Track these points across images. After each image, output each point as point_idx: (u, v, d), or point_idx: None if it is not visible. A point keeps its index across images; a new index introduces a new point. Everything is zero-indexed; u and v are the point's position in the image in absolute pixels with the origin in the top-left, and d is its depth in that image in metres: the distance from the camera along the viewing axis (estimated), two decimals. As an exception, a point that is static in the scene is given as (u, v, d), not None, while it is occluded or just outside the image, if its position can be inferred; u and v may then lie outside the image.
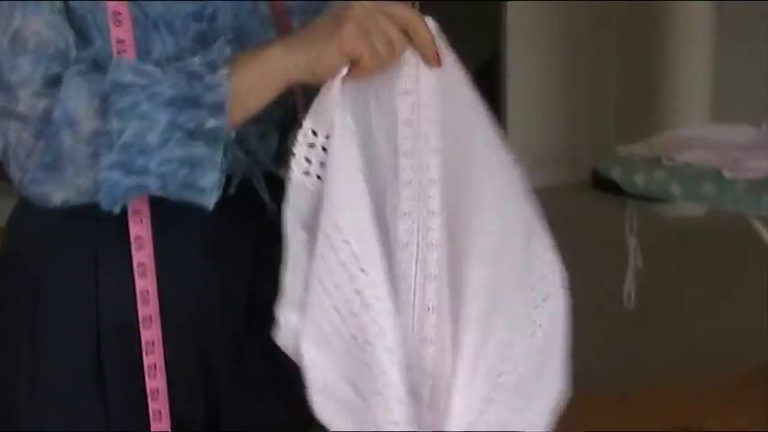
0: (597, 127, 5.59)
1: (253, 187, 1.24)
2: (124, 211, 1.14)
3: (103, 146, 1.05)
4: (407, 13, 1.06)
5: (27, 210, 1.23)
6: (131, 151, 1.05)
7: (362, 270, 1.03)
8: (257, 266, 1.27)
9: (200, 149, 1.06)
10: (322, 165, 1.07)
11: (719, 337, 3.51)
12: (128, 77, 1.05)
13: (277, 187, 1.22)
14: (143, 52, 1.12)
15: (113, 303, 1.21)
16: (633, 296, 2.84)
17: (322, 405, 1.07)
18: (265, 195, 1.24)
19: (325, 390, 1.07)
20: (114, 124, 1.04)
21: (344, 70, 1.06)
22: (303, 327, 1.08)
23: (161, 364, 1.19)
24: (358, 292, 1.03)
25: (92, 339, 1.22)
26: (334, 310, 1.05)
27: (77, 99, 1.07)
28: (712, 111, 5.25)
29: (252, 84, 1.08)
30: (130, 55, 1.11)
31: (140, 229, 1.16)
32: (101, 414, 1.23)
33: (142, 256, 1.17)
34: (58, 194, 1.10)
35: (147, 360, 1.18)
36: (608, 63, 5.78)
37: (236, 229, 1.25)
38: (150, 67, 1.08)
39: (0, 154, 1.12)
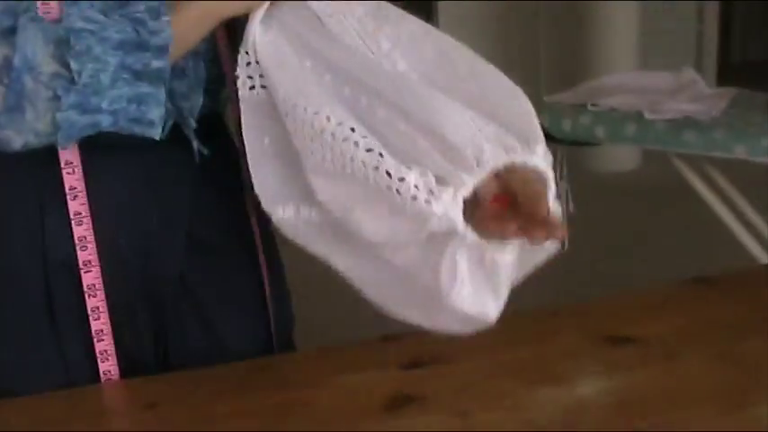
0: (528, 81, 5.61)
1: (184, 136, 1.28)
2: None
3: (63, 88, 1.10)
4: None
5: None
6: (87, 91, 1.10)
7: (339, 123, 1.06)
8: (195, 208, 1.31)
9: (145, 88, 1.13)
10: (261, 76, 1.17)
11: (647, 261, 3.69)
12: (79, 23, 1.11)
13: (205, 137, 1.28)
14: None
15: (59, 247, 1.24)
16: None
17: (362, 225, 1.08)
18: (195, 142, 1.28)
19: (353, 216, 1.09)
20: (74, 65, 1.10)
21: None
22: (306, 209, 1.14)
23: (104, 307, 1.23)
24: (345, 139, 1.05)
25: (41, 279, 1.26)
26: (335, 168, 1.07)
27: (34, 44, 1.12)
28: (638, 61, 5.41)
29: (190, 25, 1.16)
30: None
31: (73, 180, 1.20)
32: (55, 352, 1.27)
33: (77, 205, 1.21)
34: (17, 139, 1.15)
35: (90, 303, 1.22)
36: (536, 24, 5.85)
37: (171, 173, 1.30)
38: (97, 14, 1.12)
39: None
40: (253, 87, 1.17)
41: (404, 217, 1.01)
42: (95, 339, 1.24)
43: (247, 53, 1.17)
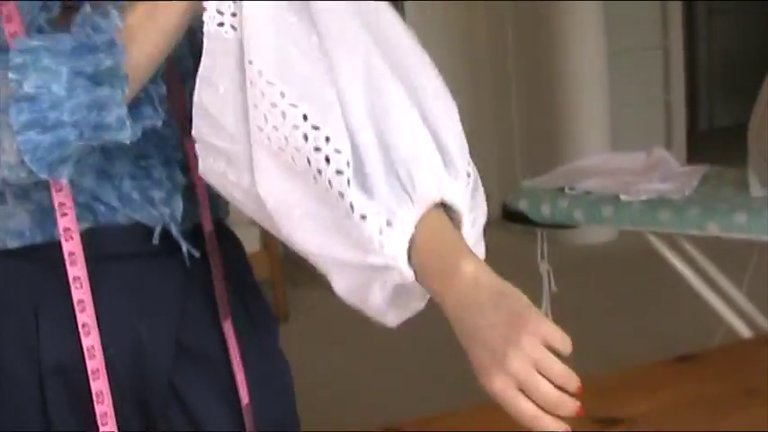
0: (505, 166, 5.72)
1: (175, 244, 1.29)
2: (60, 255, 1.19)
3: (11, 105, 1.06)
4: None
5: None
6: (41, 106, 1.06)
7: (293, 105, 1.03)
8: (184, 315, 1.33)
9: (104, 92, 1.09)
10: (233, 15, 1.08)
11: (628, 338, 3.80)
12: (33, 42, 1.07)
13: (197, 241, 1.30)
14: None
15: (55, 343, 1.26)
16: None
17: (296, 229, 1.07)
18: (184, 245, 1.29)
19: (292, 215, 1.07)
20: (12, 76, 1.06)
21: None
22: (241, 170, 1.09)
23: (112, 412, 1.22)
24: (295, 127, 1.03)
25: (35, 380, 1.27)
26: (279, 150, 1.04)
27: None
28: (610, 140, 5.49)
29: (150, 9, 1.11)
30: (17, 24, 1.11)
31: (77, 270, 1.20)
32: None
33: (80, 293, 1.21)
34: None
35: (94, 386, 1.21)
36: (509, 111, 5.96)
37: (162, 281, 1.31)
38: (59, 34, 1.09)
39: None
40: (222, 24, 1.09)
41: (347, 239, 1.04)
42: (100, 423, 1.22)
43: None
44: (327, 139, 1.01)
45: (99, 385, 1.22)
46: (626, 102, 5.95)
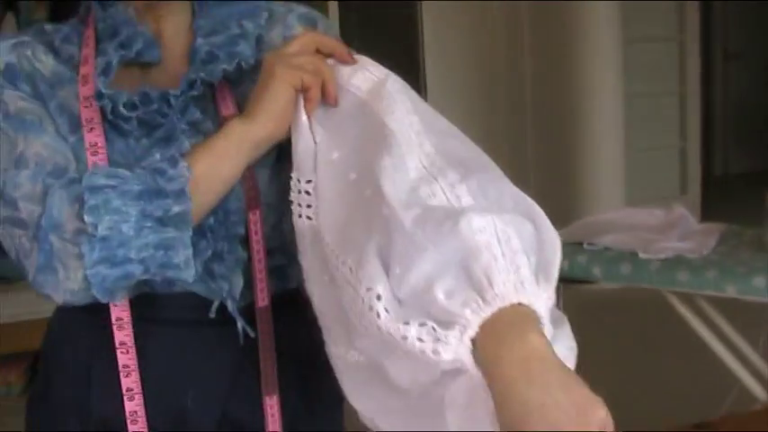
0: None
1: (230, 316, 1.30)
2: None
3: (84, 243, 1.13)
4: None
5: (55, 313, 1.37)
6: (111, 245, 1.13)
7: (361, 284, 1.05)
8: (234, 388, 1.33)
9: (170, 233, 1.15)
10: (308, 206, 1.18)
11: (640, 398, 3.69)
12: (101, 181, 1.15)
13: (254, 317, 1.30)
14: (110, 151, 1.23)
15: (102, 399, 1.29)
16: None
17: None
18: (240, 323, 1.30)
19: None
20: (88, 219, 1.13)
21: (303, 115, 1.20)
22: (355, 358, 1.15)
23: None
24: (371, 308, 1.03)
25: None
26: (366, 333, 1.06)
27: (60, 205, 1.16)
28: (626, 185, 5.51)
29: (214, 162, 1.19)
30: (102, 157, 1.22)
31: (123, 336, 1.24)
32: None
33: (126, 358, 1.24)
34: (57, 297, 1.18)
35: None
36: (525, 157, 5.96)
37: (214, 353, 1.32)
38: (121, 171, 1.17)
39: (15, 260, 1.21)
40: (300, 216, 1.20)
41: (420, 363, 1.01)
42: None
43: (299, 180, 1.20)
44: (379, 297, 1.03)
45: (137, 427, 1.25)
46: (642, 147, 5.97)
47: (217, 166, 1.19)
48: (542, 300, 0.99)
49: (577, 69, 5.41)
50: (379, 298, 1.02)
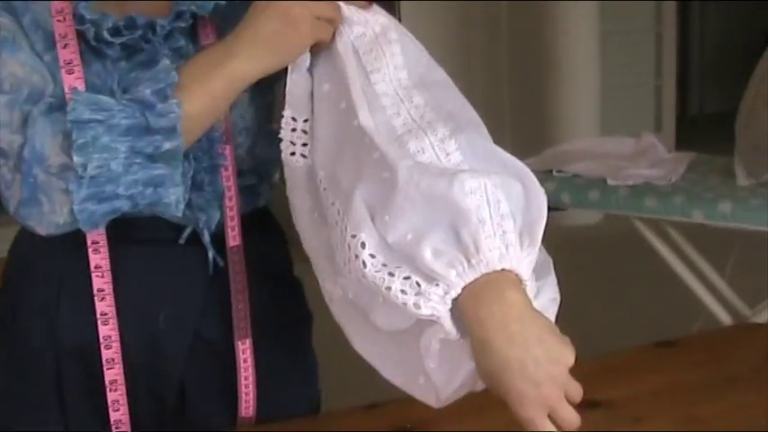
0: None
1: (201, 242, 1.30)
2: (85, 239, 1.23)
3: (72, 181, 1.11)
4: None
5: (20, 234, 1.35)
6: (99, 181, 1.11)
7: (347, 229, 1.07)
8: (204, 311, 1.33)
9: (160, 170, 1.13)
10: (304, 145, 1.19)
11: (610, 322, 3.84)
12: (86, 114, 1.10)
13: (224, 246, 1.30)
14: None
15: (73, 325, 1.28)
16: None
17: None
18: (211, 252, 1.30)
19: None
20: (77, 159, 1.10)
21: (307, 58, 1.19)
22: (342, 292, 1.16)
23: (121, 379, 1.26)
24: (356, 256, 1.05)
25: (53, 358, 1.31)
26: (349, 274, 1.09)
27: (43, 136, 1.13)
28: (600, 122, 5.52)
29: (216, 96, 1.17)
30: (78, 75, 1.17)
31: (99, 259, 1.23)
32: (61, 425, 1.32)
33: (101, 282, 1.24)
34: (40, 228, 1.17)
35: (108, 375, 1.25)
36: (500, 92, 5.98)
37: (185, 275, 1.32)
38: (105, 100, 1.12)
39: None
40: (293, 154, 1.21)
41: (398, 310, 1.05)
42: (111, 409, 1.27)
43: (294, 119, 1.20)
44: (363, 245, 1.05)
45: (113, 374, 1.25)
46: (617, 85, 5.96)
47: (212, 106, 1.18)
48: (525, 263, 1.04)
49: (554, 6, 5.39)
50: (363, 246, 1.04)
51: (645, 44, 6.42)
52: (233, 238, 1.29)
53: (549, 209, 1.08)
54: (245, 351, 1.31)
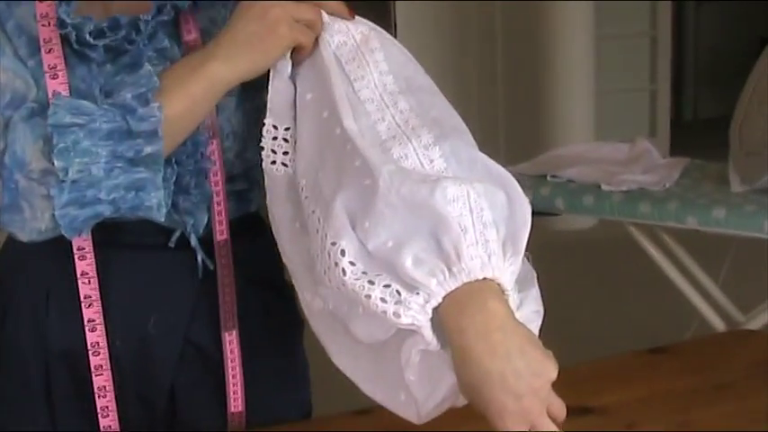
0: (489, 151, 5.58)
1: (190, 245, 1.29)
2: (71, 246, 1.22)
3: (53, 186, 1.11)
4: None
5: (8, 238, 1.31)
6: (80, 186, 1.10)
7: (327, 237, 1.05)
8: (193, 315, 1.32)
9: (141, 174, 1.12)
10: (285, 153, 1.18)
11: (603, 327, 3.85)
12: (66, 119, 1.10)
13: (212, 248, 1.29)
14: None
15: (61, 330, 1.28)
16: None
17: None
18: (200, 255, 1.29)
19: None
20: (58, 164, 1.09)
21: (288, 65, 1.18)
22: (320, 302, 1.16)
23: (110, 386, 1.25)
24: (336, 264, 1.04)
25: (42, 362, 1.30)
26: (329, 283, 1.07)
27: (24, 142, 1.13)
28: (595, 127, 5.52)
29: (197, 100, 1.15)
30: (62, 80, 1.17)
31: (85, 265, 1.22)
32: (50, 428, 1.31)
33: (88, 289, 1.23)
34: (22, 235, 1.17)
35: (96, 381, 1.24)
36: (495, 95, 5.94)
37: (175, 279, 1.31)
38: (86, 104, 1.11)
39: None
40: (274, 162, 1.19)
41: (378, 320, 1.03)
42: (100, 415, 1.26)
43: (275, 127, 1.19)
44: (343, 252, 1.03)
45: (102, 380, 1.24)
46: (611, 89, 5.96)
47: (193, 109, 1.17)
48: (508, 273, 1.02)
49: (549, 7, 5.39)
50: (343, 253, 1.02)
51: (640, 48, 6.42)
52: (220, 232, 1.29)
53: (544, 213, 1.07)
54: (231, 342, 1.31)
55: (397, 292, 1.01)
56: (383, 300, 1.01)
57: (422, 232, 1.01)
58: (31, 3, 1.20)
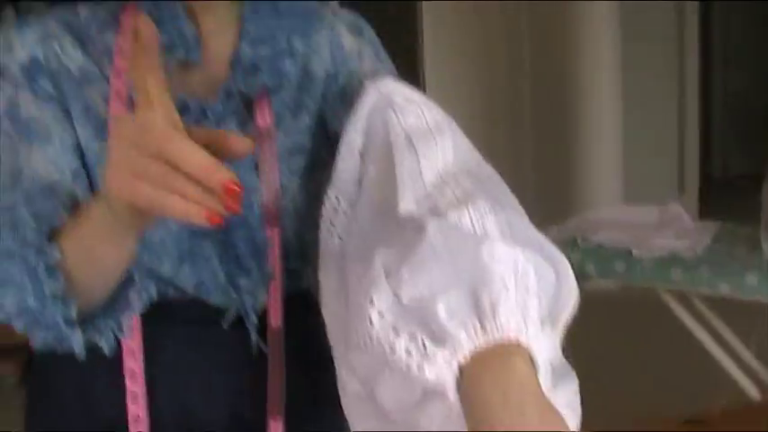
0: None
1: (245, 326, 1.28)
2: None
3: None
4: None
5: None
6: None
7: (359, 293, 1.02)
8: (241, 392, 1.30)
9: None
10: (342, 226, 1.14)
11: (634, 395, 3.74)
12: None
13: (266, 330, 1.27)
14: None
15: (106, 401, 1.26)
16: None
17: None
18: (254, 336, 1.28)
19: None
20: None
21: (359, 137, 1.16)
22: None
23: None
24: (364, 317, 0.99)
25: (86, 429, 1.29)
26: (360, 347, 1.02)
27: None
28: (624, 185, 5.52)
29: (84, 252, 1.08)
30: None
31: (131, 341, 1.23)
32: None
33: (132, 362, 1.23)
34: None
35: None
36: (523, 157, 5.96)
37: (224, 353, 1.29)
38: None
39: None
40: (332, 234, 1.16)
41: (405, 381, 0.97)
42: None
43: (338, 200, 1.16)
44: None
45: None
46: (640, 147, 5.97)
47: (89, 252, 1.08)
48: (542, 344, 0.95)
49: (576, 68, 5.42)
50: (372, 302, 0.98)
51: (668, 107, 6.43)
52: (274, 319, 1.28)
53: (575, 278, 1.03)
54: (276, 429, 1.30)
55: (423, 344, 0.94)
56: (408, 352, 0.95)
57: (461, 285, 0.95)
58: (101, 83, 1.20)
